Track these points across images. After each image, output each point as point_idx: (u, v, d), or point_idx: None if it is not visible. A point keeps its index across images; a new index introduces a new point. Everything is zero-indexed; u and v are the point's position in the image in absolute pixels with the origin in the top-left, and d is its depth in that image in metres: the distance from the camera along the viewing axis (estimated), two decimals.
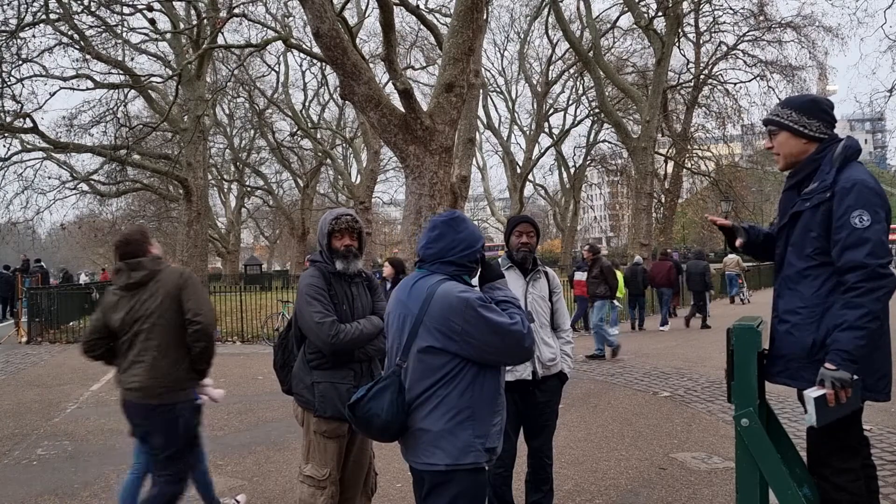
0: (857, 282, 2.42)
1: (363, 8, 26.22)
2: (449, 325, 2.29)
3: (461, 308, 2.27)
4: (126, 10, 19.32)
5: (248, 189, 42.06)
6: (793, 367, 2.61)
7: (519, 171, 38.14)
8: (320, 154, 35.19)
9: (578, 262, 14.32)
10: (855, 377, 2.38)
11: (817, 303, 2.56)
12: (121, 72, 21.58)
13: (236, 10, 18.93)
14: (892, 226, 2.88)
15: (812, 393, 2.40)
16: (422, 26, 19.50)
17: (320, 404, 3.15)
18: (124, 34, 21.59)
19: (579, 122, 38.38)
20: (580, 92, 35.53)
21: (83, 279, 38.23)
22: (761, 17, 26.01)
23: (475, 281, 2.52)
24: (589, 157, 38.98)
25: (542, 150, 39.81)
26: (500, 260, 3.67)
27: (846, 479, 2.53)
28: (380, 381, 2.41)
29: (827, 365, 2.41)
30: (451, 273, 2.41)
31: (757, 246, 2.94)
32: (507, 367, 3.25)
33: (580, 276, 12.61)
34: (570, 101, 38.09)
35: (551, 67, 35.73)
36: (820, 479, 2.61)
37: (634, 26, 25.18)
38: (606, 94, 24.66)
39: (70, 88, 20.49)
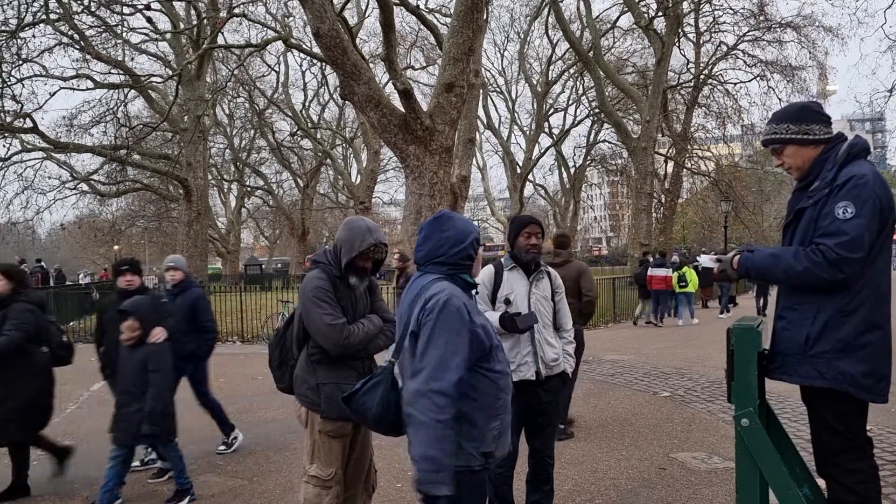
0: (814, 254, 2.45)
1: (363, 8, 26.25)
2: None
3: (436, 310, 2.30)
4: (126, 10, 19.36)
5: (248, 189, 42.04)
6: (789, 362, 2.61)
7: (519, 171, 38.10)
8: (320, 154, 35.19)
9: (658, 258, 15.90)
10: (733, 270, 2.77)
11: (812, 299, 2.56)
12: (121, 72, 21.59)
13: (236, 10, 18.96)
14: None
15: (706, 262, 2.94)
16: (422, 26, 19.52)
17: (327, 405, 3.17)
18: (124, 34, 21.62)
19: (579, 122, 38.38)
20: (580, 92, 35.52)
21: (83, 279, 38.20)
22: (761, 17, 25.98)
23: (479, 279, 2.53)
24: (589, 157, 38.95)
25: (542, 150, 39.79)
26: (502, 260, 3.66)
27: (854, 480, 2.52)
28: (374, 377, 2.46)
29: (735, 262, 2.72)
30: (445, 273, 2.41)
31: None
32: (512, 368, 3.25)
33: (662, 271, 14.80)
34: (570, 101, 38.08)
35: (551, 67, 35.72)
36: (828, 479, 2.60)
37: (634, 26, 25.19)
38: (606, 94, 24.66)
39: (70, 88, 20.52)
